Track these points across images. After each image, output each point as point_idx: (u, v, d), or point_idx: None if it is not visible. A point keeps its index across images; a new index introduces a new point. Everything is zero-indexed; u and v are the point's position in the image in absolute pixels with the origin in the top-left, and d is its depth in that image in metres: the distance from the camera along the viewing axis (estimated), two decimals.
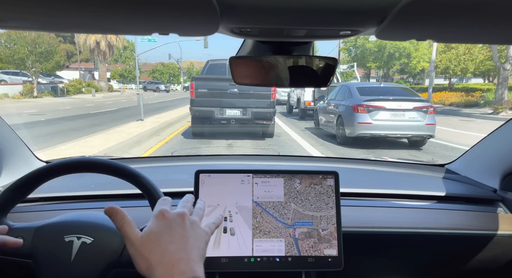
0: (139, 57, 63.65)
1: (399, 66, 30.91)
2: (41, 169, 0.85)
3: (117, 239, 0.83)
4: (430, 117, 6.86)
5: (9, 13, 0.51)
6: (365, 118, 6.90)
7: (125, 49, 59.57)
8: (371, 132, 6.95)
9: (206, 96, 7.38)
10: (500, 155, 1.33)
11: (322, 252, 0.99)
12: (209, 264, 0.95)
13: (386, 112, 6.87)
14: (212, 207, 1.00)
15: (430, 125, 6.84)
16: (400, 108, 6.86)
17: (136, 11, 0.50)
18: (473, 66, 22.84)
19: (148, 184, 0.85)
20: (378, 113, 6.89)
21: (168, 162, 1.70)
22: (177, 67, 60.16)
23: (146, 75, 60.79)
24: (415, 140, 7.25)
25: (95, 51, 35.34)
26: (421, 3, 0.46)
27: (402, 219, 1.20)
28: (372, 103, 6.94)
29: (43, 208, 1.20)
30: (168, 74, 60.87)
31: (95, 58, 35.80)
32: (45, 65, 24.45)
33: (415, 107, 6.88)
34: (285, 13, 0.54)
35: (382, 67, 32.77)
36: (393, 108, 6.86)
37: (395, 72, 32.97)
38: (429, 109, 6.89)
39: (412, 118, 6.85)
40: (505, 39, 0.70)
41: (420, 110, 6.87)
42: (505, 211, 1.28)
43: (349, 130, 7.14)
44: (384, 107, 6.87)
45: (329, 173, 1.04)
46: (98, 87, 33.39)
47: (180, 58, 58.04)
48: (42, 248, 0.81)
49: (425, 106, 6.92)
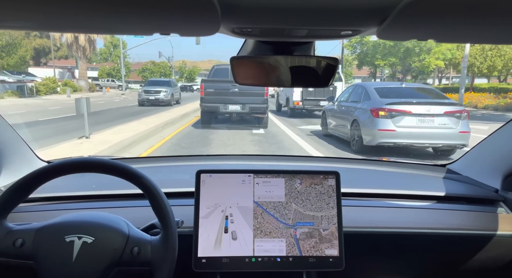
0: (129, 56, 63.95)
1: (418, 63, 27.65)
2: (42, 169, 0.87)
3: (118, 238, 0.87)
4: (463, 124, 6.07)
5: (9, 13, 0.52)
6: (387, 125, 6.09)
7: (115, 47, 60.01)
8: (395, 141, 6.15)
9: (213, 95, 9.46)
10: (502, 155, 1.35)
11: (323, 252, 1.02)
12: (210, 264, 1.00)
13: (412, 117, 6.08)
14: (212, 207, 1.03)
15: (464, 133, 6.05)
16: (428, 113, 6.07)
17: (137, 11, 0.51)
18: (501, 63, 21.34)
19: (149, 184, 0.87)
20: (402, 119, 6.09)
21: (169, 161, 1.73)
22: (168, 66, 59.89)
23: (136, 74, 60.30)
24: (444, 149, 6.45)
25: (73, 47, 31.88)
26: (422, 3, 0.47)
27: (403, 219, 1.23)
28: (395, 107, 6.14)
29: (44, 208, 1.23)
30: (159, 73, 60.35)
31: (73, 54, 32.86)
32: (6, 61, 22.45)
33: (446, 112, 6.08)
34: (286, 13, 0.55)
35: (394, 65, 29.80)
36: (421, 113, 6.07)
37: (408, 70, 30.47)
38: (463, 114, 6.09)
39: (443, 125, 6.05)
40: (506, 39, 0.71)
41: (452, 115, 6.08)
42: (506, 211, 1.30)
43: (368, 137, 6.34)
44: (410, 112, 6.07)
45: (330, 173, 1.07)
46: (77, 86, 30.74)
47: (171, 56, 58.50)
48: (43, 249, 0.85)
49: (458, 111, 6.13)
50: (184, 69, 65.94)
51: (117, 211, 1.01)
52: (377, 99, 6.54)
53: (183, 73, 65.18)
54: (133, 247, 0.86)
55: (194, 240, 1.01)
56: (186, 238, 1.00)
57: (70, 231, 0.85)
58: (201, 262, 1.00)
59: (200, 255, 1.00)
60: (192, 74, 65.83)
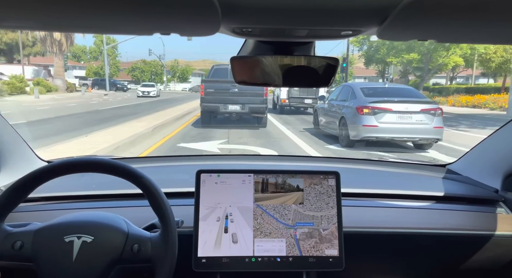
0: (120, 54, 62.44)
1: (446, 59, 23.91)
2: (42, 169, 0.88)
3: (117, 236, 0.87)
4: (438, 120, 6.94)
5: (9, 12, 0.52)
6: (370, 121, 6.92)
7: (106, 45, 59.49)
8: (377, 135, 6.98)
9: (213, 95, 9.73)
10: (502, 155, 1.36)
11: (323, 252, 1.03)
12: (210, 264, 1.01)
13: (393, 114, 6.93)
14: (212, 207, 1.04)
15: (438, 129, 6.92)
16: (407, 110, 6.92)
17: (138, 11, 0.51)
18: None
19: (148, 184, 0.87)
20: (384, 115, 6.93)
21: (169, 161, 1.76)
22: (159, 64, 58.88)
23: (125, 73, 59.17)
24: (422, 143, 7.30)
25: (47, 41, 28.55)
26: (422, 3, 0.47)
27: (403, 219, 1.24)
28: (377, 105, 6.98)
29: (44, 207, 1.24)
30: (149, 72, 59.33)
31: (47, 50, 29.54)
32: None
33: (422, 109, 6.94)
34: (286, 13, 0.56)
35: (410, 62, 25.83)
36: (400, 111, 6.92)
37: (436, 68, 25.05)
38: (437, 112, 6.95)
39: (420, 121, 6.92)
40: (506, 39, 0.72)
41: (427, 112, 6.94)
42: (506, 212, 1.31)
43: (354, 132, 7.16)
44: (391, 109, 6.92)
45: (330, 173, 1.08)
46: (52, 86, 28.02)
47: (163, 54, 56.51)
48: (42, 250, 0.85)
49: (433, 109, 7.00)
50: (177, 68, 63.96)
51: (117, 211, 1.02)
52: (362, 98, 7.38)
53: (175, 72, 63.27)
54: (133, 244, 0.88)
55: (194, 240, 1.02)
56: (186, 238, 1.01)
57: (69, 231, 0.86)
58: (201, 262, 1.01)
59: (200, 255, 1.01)
60: (185, 74, 63.80)
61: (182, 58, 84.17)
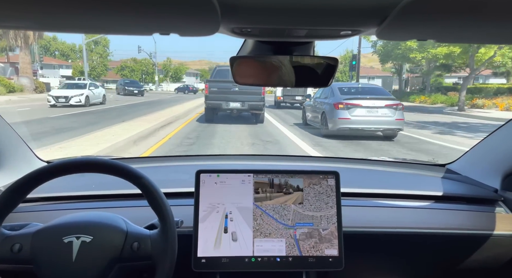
0: (111, 53, 60.07)
1: (499, 58, 17.71)
2: (41, 169, 0.88)
3: (117, 235, 0.89)
4: (399, 113, 8.68)
5: (8, 12, 0.53)
6: (344, 114, 8.63)
7: (96, 44, 55.51)
8: (350, 126, 8.71)
9: (216, 93, 11.22)
10: (501, 155, 1.38)
11: (323, 252, 1.04)
12: (209, 264, 1.02)
13: (362, 109, 8.64)
14: (212, 207, 1.05)
15: (399, 120, 8.68)
16: (374, 105, 8.64)
17: (137, 11, 0.53)
18: None
19: (148, 184, 0.89)
20: (355, 110, 8.64)
21: (169, 161, 1.79)
22: (151, 63, 55.90)
23: (114, 72, 55.86)
24: (388, 133, 9.03)
25: (9, 34, 24.86)
26: (422, 3, 0.49)
27: (403, 219, 1.26)
28: (350, 102, 8.68)
29: (43, 208, 1.25)
30: (140, 71, 56.52)
31: (10, 43, 25.93)
32: None
33: (386, 104, 8.68)
34: (285, 13, 0.57)
35: (433, 59, 22.11)
36: (368, 106, 8.65)
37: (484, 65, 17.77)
38: (398, 107, 8.68)
39: (384, 114, 8.65)
40: (506, 39, 0.74)
41: (391, 107, 8.67)
42: (506, 211, 1.33)
43: (331, 124, 8.87)
44: (361, 105, 8.63)
45: (329, 173, 1.09)
46: (16, 86, 24.58)
47: (154, 52, 52.53)
48: (41, 252, 0.86)
49: (395, 104, 8.73)
50: (169, 67, 60.83)
51: (116, 211, 1.02)
52: (338, 95, 9.07)
53: (168, 71, 60.17)
54: (133, 243, 0.89)
55: (194, 240, 1.03)
56: (186, 238, 1.02)
57: (67, 232, 0.87)
58: (200, 262, 1.02)
59: (199, 255, 1.03)
60: (178, 73, 60.52)
61: (178, 58, 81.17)
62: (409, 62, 28.33)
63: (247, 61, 0.89)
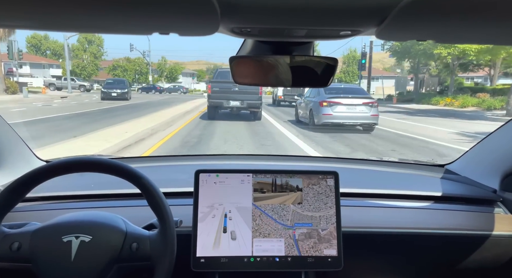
0: (106, 53, 58.82)
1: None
2: (41, 168, 0.88)
3: (116, 235, 0.90)
4: (374, 110, 10.31)
5: (8, 12, 0.54)
6: (328, 111, 10.27)
7: (90, 43, 55.00)
8: (332, 121, 10.36)
9: (218, 93, 12.57)
10: (500, 155, 1.41)
11: (322, 252, 1.06)
12: (208, 264, 1.03)
13: (343, 106, 10.28)
14: (211, 207, 1.07)
15: (374, 116, 10.34)
16: (352, 103, 10.27)
17: (136, 10, 0.53)
18: None
19: (147, 184, 0.89)
20: (337, 107, 10.28)
21: (168, 161, 1.82)
22: (145, 63, 54.36)
23: (105, 72, 54.01)
24: (365, 127, 10.69)
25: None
26: (421, 3, 0.49)
27: (402, 219, 1.28)
28: (332, 100, 10.31)
29: (42, 207, 1.27)
30: (133, 71, 54.81)
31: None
32: None
33: (363, 102, 10.33)
34: (285, 13, 0.57)
35: (461, 54, 20.77)
36: (348, 104, 10.27)
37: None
38: (374, 104, 10.32)
39: (361, 111, 10.29)
40: (506, 39, 0.74)
41: (367, 105, 10.30)
42: (504, 212, 1.36)
43: (317, 119, 10.54)
44: (341, 102, 10.24)
45: (329, 173, 1.11)
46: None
47: (148, 51, 50.80)
48: (40, 251, 0.86)
49: (371, 102, 10.35)
50: (164, 67, 59.14)
51: (116, 211, 1.02)
52: (323, 94, 10.67)
53: (163, 71, 58.49)
54: (132, 243, 0.89)
55: (193, 240, 1.04)
56: (185, 238, 1.02)
57: (67, 231, 0.87)
58: (199, 262, 1.03)
59: (198, 255, 1.03)
60: (174, 73, 58.86)
61: (175, 58, 78.39)
62: (431, 59, 25.69)
63: (246, 61, 0.90)
